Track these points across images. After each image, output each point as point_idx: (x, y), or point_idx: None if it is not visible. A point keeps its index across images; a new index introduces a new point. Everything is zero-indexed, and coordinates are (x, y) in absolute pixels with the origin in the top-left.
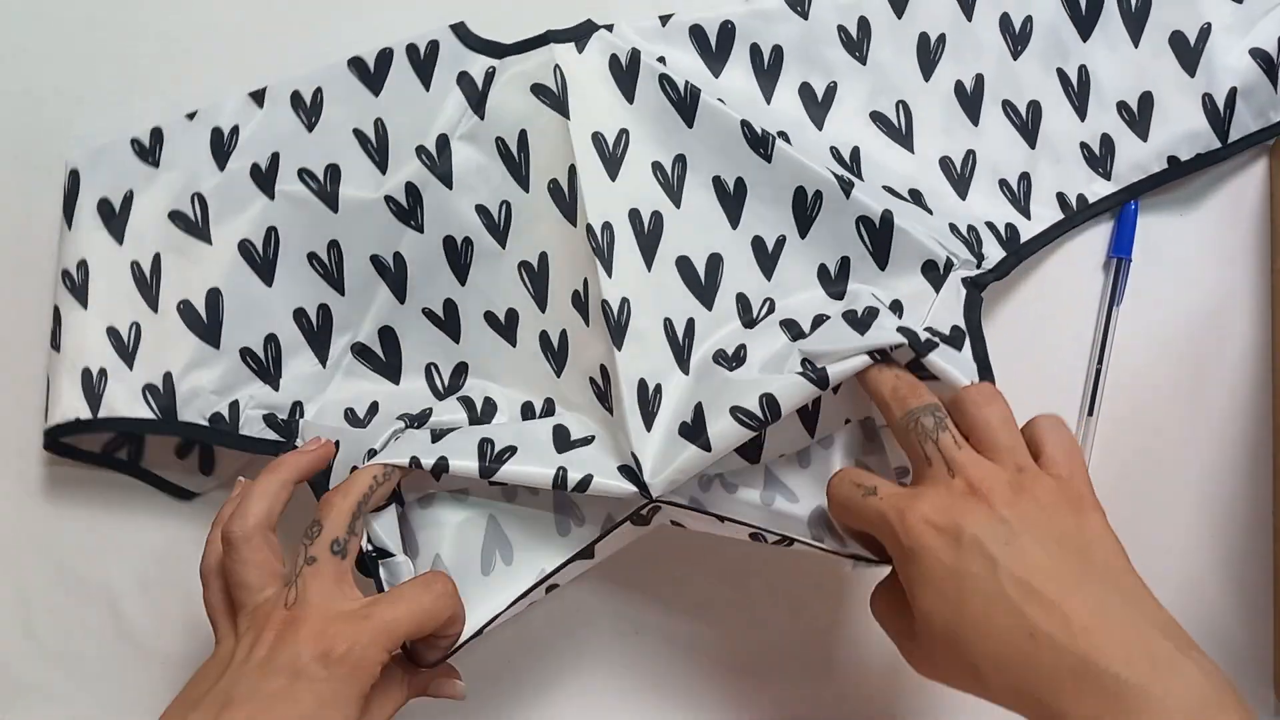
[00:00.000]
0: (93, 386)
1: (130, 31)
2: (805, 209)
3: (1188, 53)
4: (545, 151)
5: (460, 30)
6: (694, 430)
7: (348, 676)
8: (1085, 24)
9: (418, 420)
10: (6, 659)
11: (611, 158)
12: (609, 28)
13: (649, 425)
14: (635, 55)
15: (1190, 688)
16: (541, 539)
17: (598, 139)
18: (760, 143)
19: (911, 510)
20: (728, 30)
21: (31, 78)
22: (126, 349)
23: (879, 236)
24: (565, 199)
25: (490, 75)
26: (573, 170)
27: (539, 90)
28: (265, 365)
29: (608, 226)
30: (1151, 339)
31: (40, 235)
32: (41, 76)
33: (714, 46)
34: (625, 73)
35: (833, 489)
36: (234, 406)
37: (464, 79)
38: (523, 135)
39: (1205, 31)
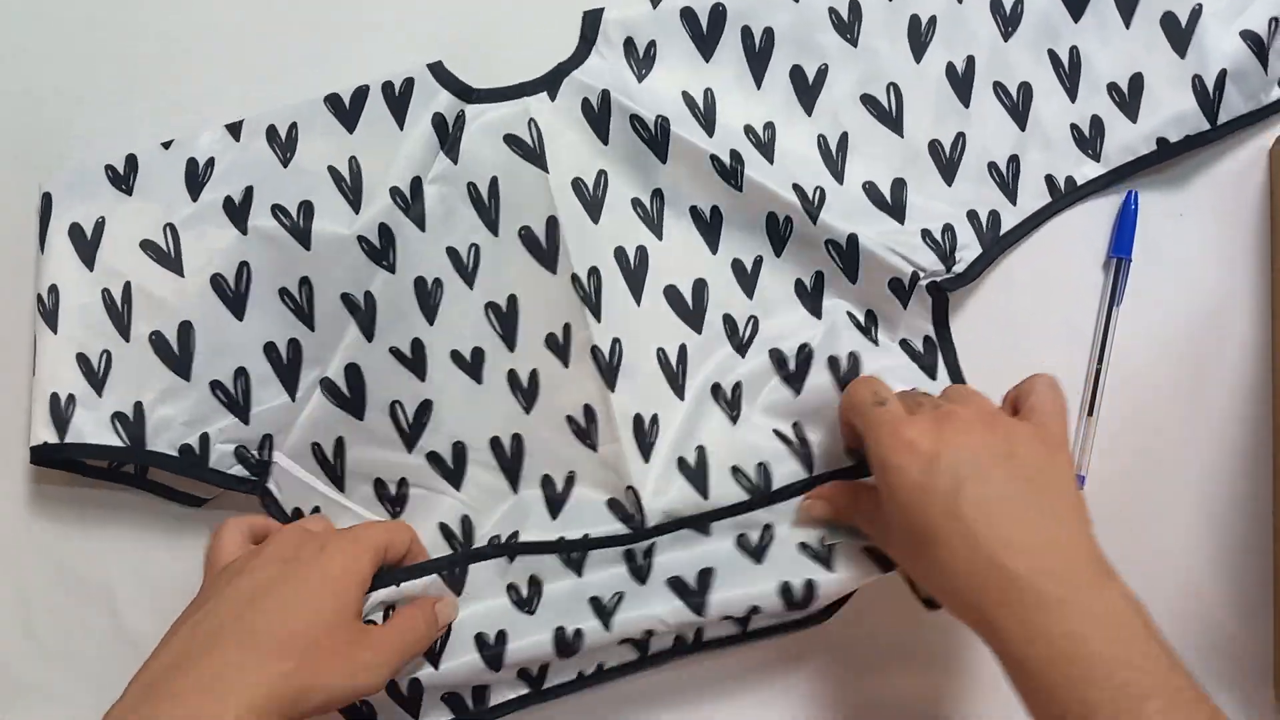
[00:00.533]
0: (60, 411)
1: (130, 31)
2: (778, 230)
3: (1179, 34)
4: (517, 199)
5: (437, 69)
6: (695, 472)
7: (343, 562)
8: (1076, 5)
9: (396, 502)
10: (6, 659)
11: (593, 201)
12: (599, 12)
13: (647, 457)
14: (606, 96)
15: (1107, 603)
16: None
17: (578, 185)
18: (730, 174)
19: (902, 430)
20: (719, 13)
21: (31, 78)
22: (96, 375)
23: (847, 255)
24: (541, 247)
25: (462, 118)
26: (552, 221)
27: (512, 140)
28: (235, 398)
29: (594, 271)
30: (1151, 339)
31: None
32: (41, 76)
33: (705, 30)
34: (598, 115)
35: (852, 388)
36: (204, 439)
37: (438, 120)
38: (494, 182)
39: (1196, 13)
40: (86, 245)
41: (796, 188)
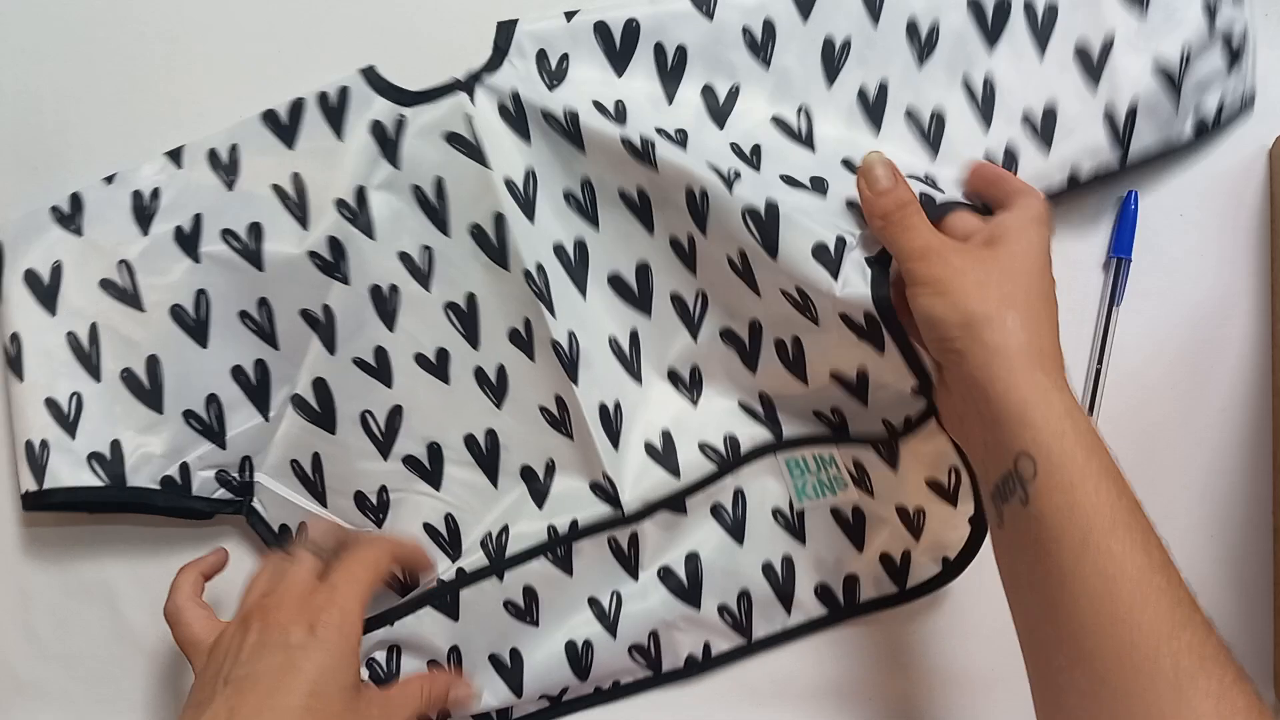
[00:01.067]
0: (36, 459)
1: (130, 31)
2: (697, 207)
3: (1091, 67)
4: (464, 197)
5: (370, 75)
6: (662, 455)
7: (338, 637)
8: (992, 33)
9: (379, 510)
10: (6, 659)
11: (526, 201)
12: (513, 23)
13: (616, 444)
14: (517, 97)
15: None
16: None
17: (510, 185)
18: (642, 155)
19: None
20: (632, 29)
21: (31, 78)
22: (67, 419)
23: (765, 226)
24: (492, 244)
25: (400, 122)
26: (499, 218)
27: (453, 139)
28: (209, 424)
29: (541, 268)
30: (1151, 339)
31: None
32: (41, 76)
33: (618, 45)
34: (515, 117)
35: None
36: (184, 468)
37: (376, 128)
38: (439, 182)
39: (1108, 45)
40: (45, 290)
41: (710, 165)
